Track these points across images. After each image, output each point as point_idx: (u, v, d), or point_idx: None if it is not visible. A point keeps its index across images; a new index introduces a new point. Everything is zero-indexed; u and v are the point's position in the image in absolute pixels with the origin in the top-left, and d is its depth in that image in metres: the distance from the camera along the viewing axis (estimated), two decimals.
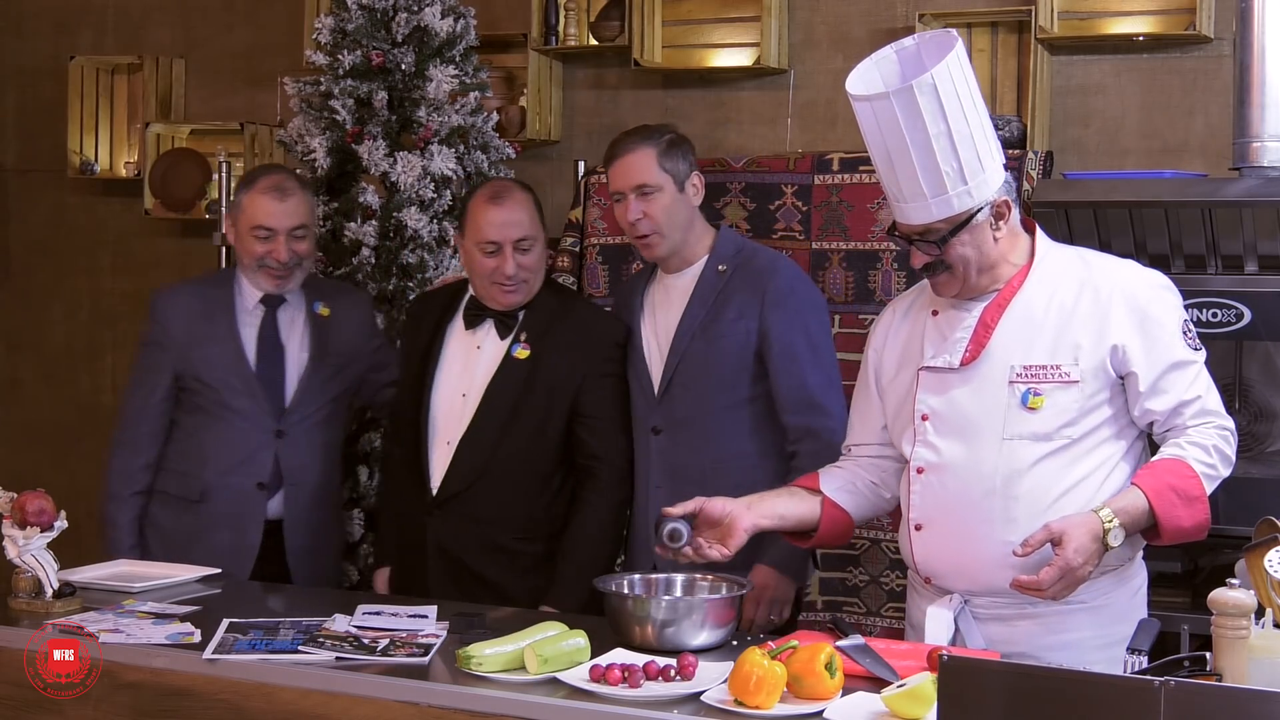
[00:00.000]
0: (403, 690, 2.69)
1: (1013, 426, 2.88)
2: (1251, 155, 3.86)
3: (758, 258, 3.61)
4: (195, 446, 3.86)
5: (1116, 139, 4.58)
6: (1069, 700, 2.12)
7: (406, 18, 4.53)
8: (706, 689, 2.58)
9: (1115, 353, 2.86)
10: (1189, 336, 2.91)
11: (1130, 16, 4.55)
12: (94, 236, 6.08)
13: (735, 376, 3.52)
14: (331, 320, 3.95)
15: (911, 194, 2.91)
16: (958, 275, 2.94)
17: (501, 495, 3.59)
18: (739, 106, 5.07)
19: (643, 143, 3.57)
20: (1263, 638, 2.38)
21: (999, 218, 2.92)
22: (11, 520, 3.18)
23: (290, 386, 3.88)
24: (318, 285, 4.06)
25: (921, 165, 2.87)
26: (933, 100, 2.83)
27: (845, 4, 4.94)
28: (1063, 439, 2.87)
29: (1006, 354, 2.92)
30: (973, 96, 2.90)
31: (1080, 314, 2.90)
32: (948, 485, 2.94)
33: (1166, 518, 2.78)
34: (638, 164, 3.55)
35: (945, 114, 2.84)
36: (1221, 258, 3.96)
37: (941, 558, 2.95)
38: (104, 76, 6.04)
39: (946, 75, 2.84)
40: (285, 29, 5.68)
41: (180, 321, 3.90)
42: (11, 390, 6.30)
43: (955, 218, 2.89)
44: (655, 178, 3.53)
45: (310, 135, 4.60)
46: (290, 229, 3.83)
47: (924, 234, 2.92)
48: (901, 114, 2.85)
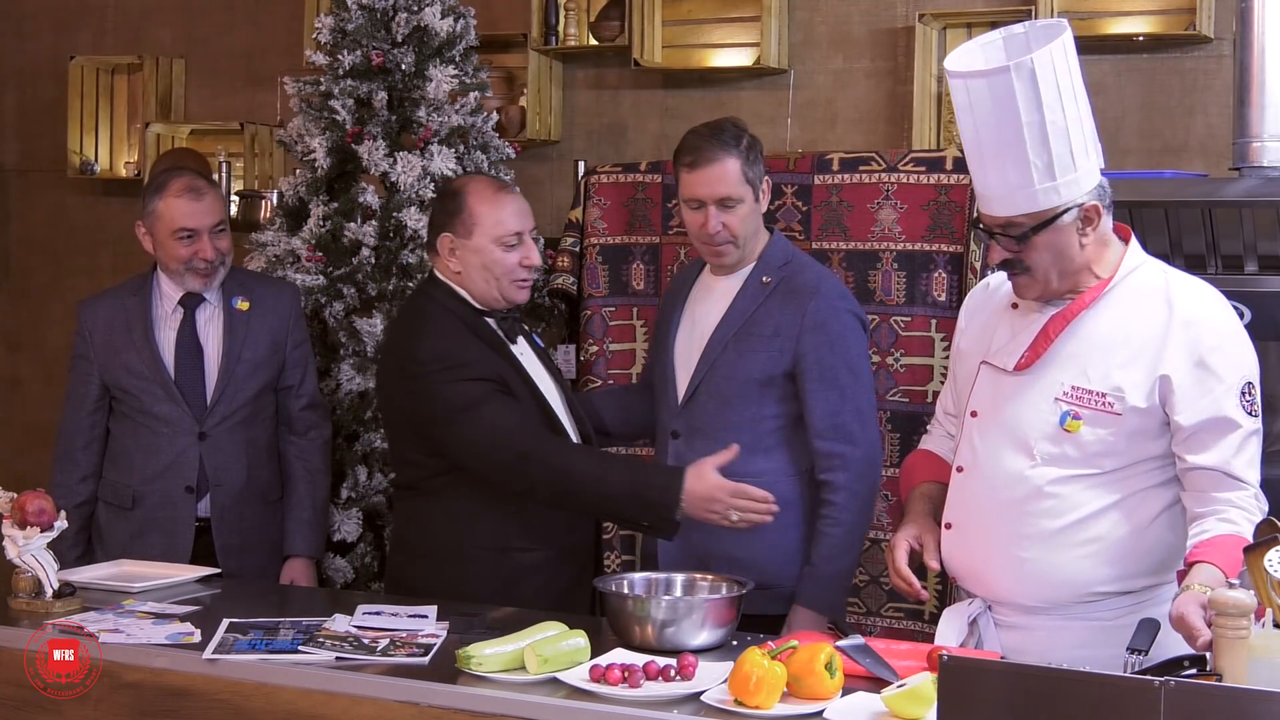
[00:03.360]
0: (403, 690, 2.69)
1: (1047, 445, 2.81)
2: (1251, 155, 3.86)
3: (804, 274, 3.49)
4: (124, 454, 3.88)
5: (1116, 139, 4.58)
6: (1069, 700, 2.12)
7: (406, 18, 4.53)
8: (706, 689, 2.57)
9: (1164, 384, 2.74)
10: (1246, 399, 2.74)
11: (1130, 16, 4.55)
12: (94, 236, 6.08)
13: (761, 393, 3.45)
14: (251, 314, 3.94)
15: (997, 183, 2.79)
16: (1037, 278, 2.83)
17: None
18: (739, 106, 5.06)
19: (727, 151, 3.42)
20: (1263, 638, 2.37)
21: (1087, 222, 2.79)
22: (11, 520, 3.18)
23: (210, 388, 3.88)
24: (240, 278, 4.04)
25: (1011, 154, 2.75)
26: (1029, 86, 2.72)
27: (845, 4, 4.95)
28: (1094, 468, 2.79)
29: (1061, 370, 2.82)
30: (1074, 89, 2.77)
31: (1141, 343, 2.77)
32: (976, 490, 2.90)
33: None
34: (724, 175, 3.40)
35: (1041, 102, 2.72)
36: (1221, 258, 3.96)
37: (962, 560, 2.93)
38: (104, 76, 6.04)
39: (1048, 62, 2.72)
40: (285, 29, 5.69)
41: (101, 332, 3.90)
42: (11, 390, 6.30)
43: (1040, 214, 2.77)
44: (738, 190, 3.42)
45: (310, 135, 4.60)
46: (211, 227, 3.83)
47: (1006, 228, 2.81)
48: (994, 96, 2.73)
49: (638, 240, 4.55)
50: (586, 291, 4.61)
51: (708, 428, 3.48)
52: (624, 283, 4.55)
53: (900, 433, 4.30)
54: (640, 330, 4.54)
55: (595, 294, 4.58)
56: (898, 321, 4.21)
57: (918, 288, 4.17)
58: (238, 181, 5.65)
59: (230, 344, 3.89)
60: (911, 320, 4.19)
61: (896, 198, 4.21)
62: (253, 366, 3.92)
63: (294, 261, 4.55)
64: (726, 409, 3.47)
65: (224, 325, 3.91)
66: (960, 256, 4.14)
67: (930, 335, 4.17)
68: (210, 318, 3.92)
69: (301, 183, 4.63)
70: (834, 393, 3.41)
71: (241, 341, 3.90)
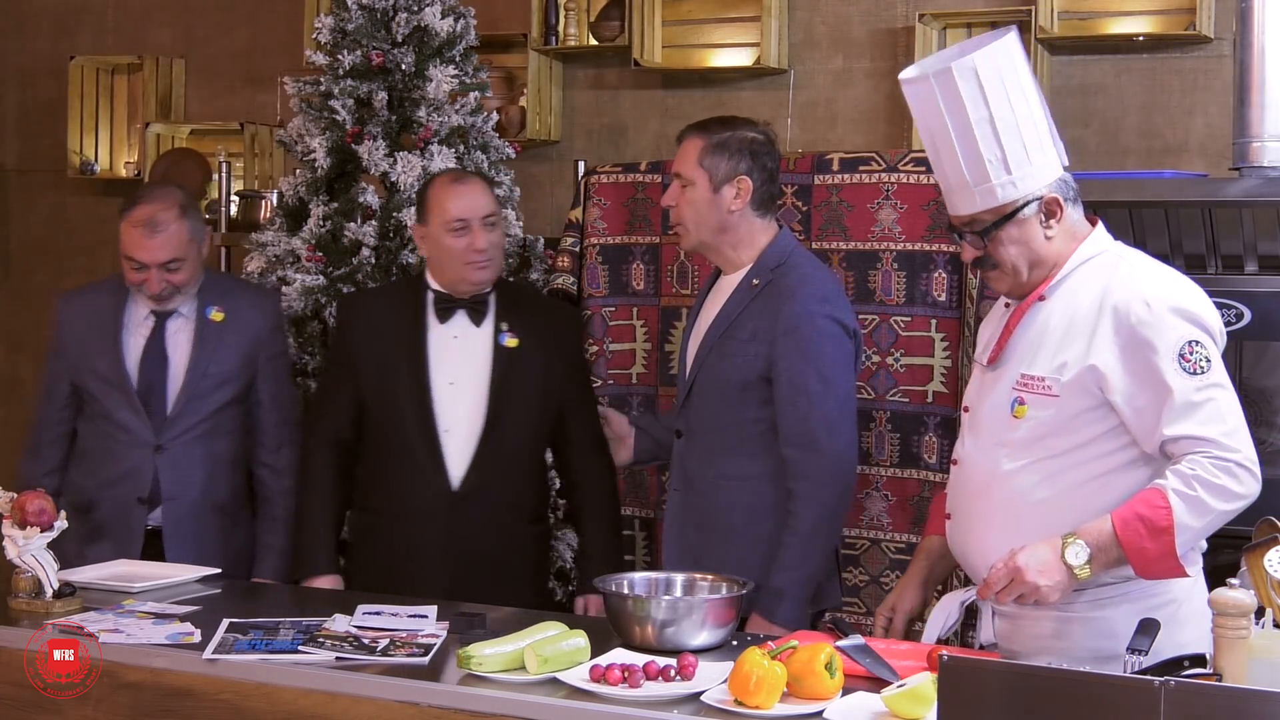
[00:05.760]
0: (403, 690, 2.69)
1: (1005, 433, 2.87)
2: (1251, 155, 3.86)
3: (789, 276, 3.46)
4: (85, 456, 3.85)
5: (1116, 139, 4.59)
6: (1069, 700, 2.12)
7: (406, 18, 4.53)
8: (706, 689, 2.57)
9: (1093, 373, 2.78)
10: (1189, 360, 2.75)
11: (1130, 16, 4.55)
12: (94, 236, 6.08)
13: (741, 396, 3.44)
14: (225, 326, 3.86)
15: (956, 182, 2.88)
16: (1006, 271, 2.90)
17: (519, 483, 3.71)
18: (739, 106, 5.06)
19: (695, 133, 3.50)
20: (1263, 638, 2.37)
21: (1049, 215, 2.86)
22: (11, 520, 3.18)
23: (172, 400, 3.81)
24: (218, 286, 3.94)
25: (964, 151, 2.84)
26: (972, 85, 2.80)
27: (845, 4, 4.95)
28: (1044, 450, 2.82)
29: (1018, 360, 2.88)
30: (1022, 87, 2.85)
31: (1078, 328, 2.83)
32: (958, 481, 2.98)
33: (1132, 547, 2.68)
34: (683, 153, 3.49)
35: (987, 99, 2.81)
36: (1221, 258, 3.97)
37: (957, 548, 3.00)
38: (104, 76, 6.04)
39: (990, 62, 2.81)
40: (285, 29, 5.69)
41: (74, 330, 3.86)
42: (11, 390, 6.30)
43: (1000, 209, 2.85)
44: (690, 171, 3.47)
45: (310, 135, 4.59)
46: (161, 264, 3.73)
47: (970, 224, 2.89)
48: (943, 97, 2.83)
49: (638, 240, 4.55)
50: (586, 291, 4.61)
51: (699, 429, 3.50)
52: (624, 283, 4.55)
53: (900, 433, 4.30)
54: (640, 330, 4.54)
55: (595, 294, 4.58)
56: (898, 321, 4.21)
57: (918, 288, 4.17)
58: (238, 181, 5.66)
59: (198, 356, 3.81)
60: (911, 320, 4.19)
61: (896, 198, 4.21)
62: (219, 380, 3.84)
63: (294, 261, 4.55)
64: (713, 411, 3.48)
65: (194, 337, 3.83)
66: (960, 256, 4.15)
67: (930, 335, 4.17)
68: (180, 328, 3.84)
69: (301, 183, 4.63)
70: (802, 399, 3.37)
71: (210, 354, 3.82)
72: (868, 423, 4.34)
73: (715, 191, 3.45)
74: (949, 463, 3.22)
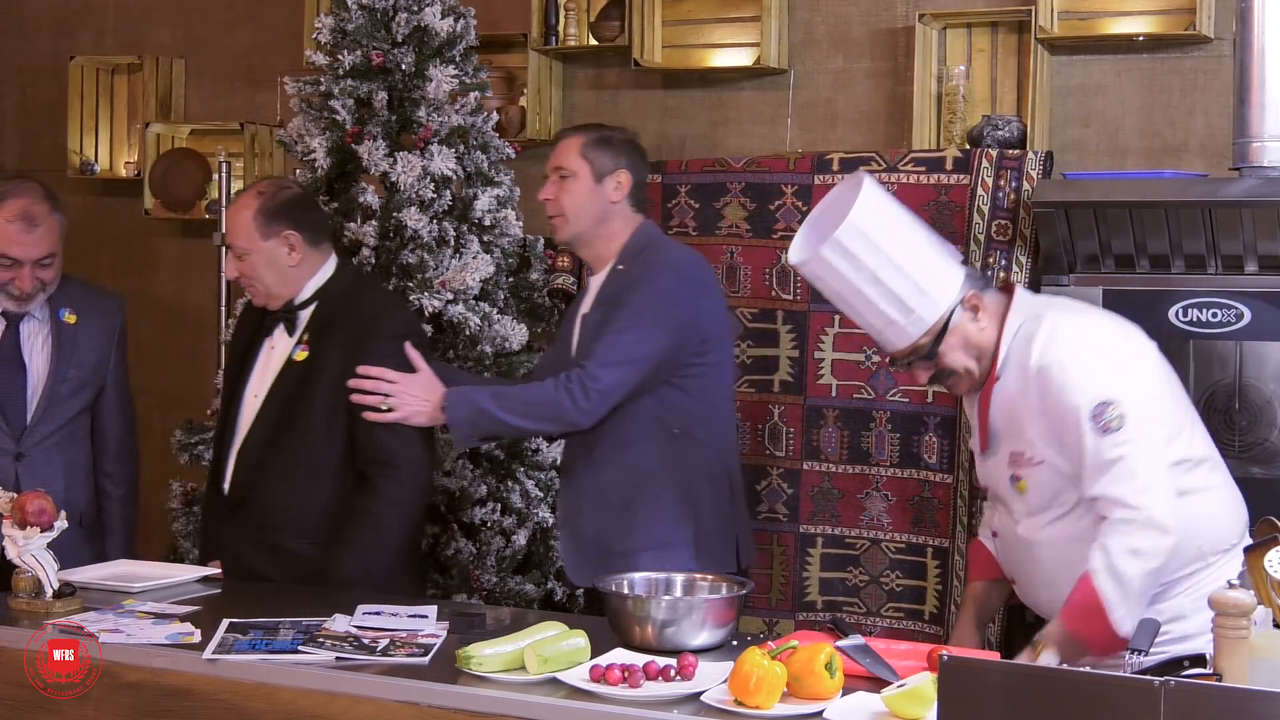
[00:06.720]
0: (403, 690, 2.69)
1: (1017, 506, 3.06)
2: (1251, 155, 3.86)
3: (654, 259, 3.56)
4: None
5: (1116, 139, 4.58)
6: (1069, 700, 2.13)
7: (406, 18, 4.53)
8: (706, 689, 2.58)
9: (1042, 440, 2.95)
10: (1099, 420, 2.86)
11: (1130, 16, 4.54)
12: (94, 236, 6.07)
13: None
14: (78, 328, 3.81)
15: (883, 324, 3.06)
16: (961, 373, 3.08)
17: (281, 498, 3.57)
18: (739, 106, 5.06)
19: (578, 132, 3.68)
20: (1263, 638, 2.38)
21: (975, 310, 3.04)
22: (11, 520, 3.18)
23: (31, 407, 3.76)
24: (68, 289, 3.88)
25: (881, 296, 3.02)
26: (844, 258, 3.01)
27: (845, 4, 4.94)
28: (1060, 506, 2.99)
29: (1004, 439, 3.06)
30: (897, 219, 3.06)
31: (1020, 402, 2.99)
32: (1004, 551, 3.17)
33: (1081, 637, 2.79)
34: (562, 148, 3.65)
35: (879, 246, 3.00)
36: (1221, 258, 3.97)
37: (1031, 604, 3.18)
38: (104, 76, 6.04)
39: (853, 230, 3.00)
40: (285, 29, 5.68)
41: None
42: None
43: (934, 327, 3.03)
44: (573, 164, 3.60)
45: (310, 135, 4.59)
46: (37, 259, 3.69)
47: (913, 353, 3.07)
48: (829, 273, 3.05)
49: None
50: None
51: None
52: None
53: (900, 433, 4.30)
54: None
55: None
56: None
57: None
58: (238, 181, 5.65)
59: (58, 361, 3.75)
60: None
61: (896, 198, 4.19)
62: (77, 385, 3.80)
63: None
64: None
65: (52, 341, 3.77)
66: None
67: None
68: (36, 332, 3.78)
69: (302, 183, 4.63)
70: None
71: (69, 358, 3.77)
72: (868, 423, 4.34)
73: (598, 182, 3.59)
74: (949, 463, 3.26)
